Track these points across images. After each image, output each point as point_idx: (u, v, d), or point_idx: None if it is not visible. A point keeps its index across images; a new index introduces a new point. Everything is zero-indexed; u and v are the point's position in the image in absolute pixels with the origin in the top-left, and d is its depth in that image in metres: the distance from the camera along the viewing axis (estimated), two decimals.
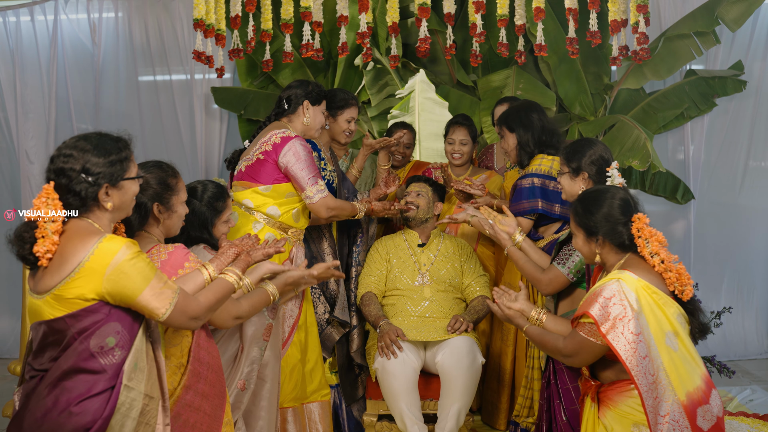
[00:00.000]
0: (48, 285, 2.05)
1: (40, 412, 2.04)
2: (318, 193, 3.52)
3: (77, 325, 2.05)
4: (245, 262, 2.53)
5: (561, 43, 5.05)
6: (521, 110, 3.62)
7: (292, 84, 3.72)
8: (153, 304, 2.09)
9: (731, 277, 5.82)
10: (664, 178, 5.58)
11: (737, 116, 5.73)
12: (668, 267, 2.39)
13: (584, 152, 3.02)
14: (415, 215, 4.07)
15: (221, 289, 2.37)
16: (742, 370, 5.35)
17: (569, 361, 2.50)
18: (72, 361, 2.04)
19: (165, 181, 2.54)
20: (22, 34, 5.88)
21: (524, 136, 3.55)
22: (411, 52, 5.46)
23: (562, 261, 3.05)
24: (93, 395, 2.04)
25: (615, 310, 2.31)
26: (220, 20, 4.49)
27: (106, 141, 2.17)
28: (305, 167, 3.51)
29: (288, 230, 3.62)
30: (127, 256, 2.05)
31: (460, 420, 3.65)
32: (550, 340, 2.58)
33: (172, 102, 5.93)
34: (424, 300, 3.95)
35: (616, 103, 5.59)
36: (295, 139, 3.52)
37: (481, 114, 5.38)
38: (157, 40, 5.88)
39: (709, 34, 5.36)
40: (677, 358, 2.31)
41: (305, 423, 3.70)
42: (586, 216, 2.52)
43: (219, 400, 2.52)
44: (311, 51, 4.52)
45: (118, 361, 2.08)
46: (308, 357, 3.68)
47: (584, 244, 2.56)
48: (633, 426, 2.37)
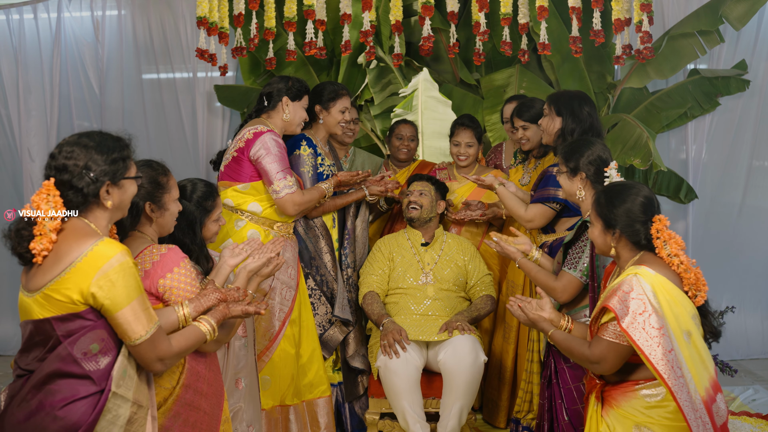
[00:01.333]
0: (39, 283, 2.04)
1: (23, 414, 2.02)
2: (285, 189, 3.48)
3: (63, 328, 2.02)
4: (222, 315, 2.38)
5: (564, 41, 5.04)
6: (575, 98, 3.50)
7: (272, 80, 3.72)
8: (130, 325, 2.05)
9: (734, 276, 5.80)
10: (667, 178, 5.57)
11: (741, 116, 5.71)
12: (687, 268, 2.38)
13: (582, 152, 3.01)
14: (418, 215, 4.06)
15: (194, 338, 2.27)
16: (744, 369, 5.34)
17: (598, 368, 2.44)
18: (56, 364, 2.02)
19: (156, 179, 2.51)
20: (25, 31, 5.88)
21: (570, 125, 3.43)
22: (414, 50, 5.45)
23: (573, 265, 3.02)
24: (78, 399, 2.02)
25: (634, 305, 2.30)
26: (224, 18, 4.49)
27: (108, 139, 2.16)
28: (275, 161, 3.48)
29: (273, 225, 3.61)
30: (119, 264, 2.02)
31: (462, 418, 3.65)
32: (577, 346, 2.52)
33: (175, 100, 5.93)
34: (427, 299, 3.94)
35: (619, 102, 5.58)
36: (267, 133, 3.50)
37: (485, 113, 5.37)
38: (160, 38, 5.87)
39: (713, 33, 5.34)
40: (694, 356, 2.31)
41: (306, 420, 3.70)
42: (608, 208, 2.50)
43: (217, 399, 2.52)
44: (314, 49, 4.52)
45: (102, 368, 2.05)
46: (302, 351, 3.68)
47: (600, 234, 2.54)
48: (635, 427, 2.37)
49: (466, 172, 4.49)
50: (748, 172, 5.77)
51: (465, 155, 4.41)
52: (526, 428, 3.80)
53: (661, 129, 5.55)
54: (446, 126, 4.65)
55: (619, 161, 4.94)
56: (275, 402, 3.63)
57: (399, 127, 4.67)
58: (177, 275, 2.39)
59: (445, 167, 4.59)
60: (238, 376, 3.04)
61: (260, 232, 3.57)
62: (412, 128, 4.68)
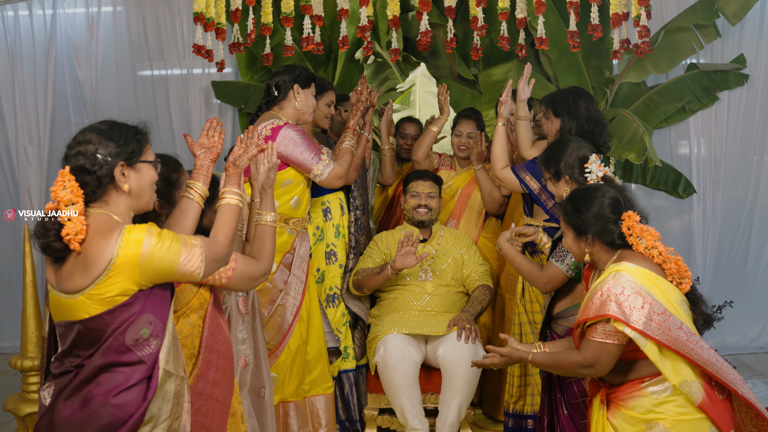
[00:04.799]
0: (78, 285, 2.02)
1: (76, 405, 2.03)
2: (325, 168, 3.55)
3: (115, 321, 2.03)
4: (237, 176, 2.46)
5: (562, 36, 5.03)
6: (570, 95, 3.51)
7: (279, 70, 3.72)
8: (188, 268, 2.10)
9: (731, 270, 5.81)
10: (665, 173, 5.57)
11: (741, 110, 5.71)
12: (666, 258, 2.39)
13: (559, 156, 3.03)
14: (429, 218, 4.06)
15: (232, 216, 2.36)
16: (742, 364, 5.35)
17: (591, 371, 2.43)
18: (108, 356, 2.03)
19: (167, 176, 2.52)
20: (20, 28, 5.85)
21: (568, 124, 3.44)
22: (412, 45, 5.44)
23: (560, 258, 3.03)
24: (131, 386, 2.03)
25: (633, 302, 2.30)
26: (220, 14, 4.47)
27: (122, 125, 2.18)
28: (305, 149, 3.52)
29: (289, 221, 3.61)
30: (152, 242, 2.03)
31: (461, 414, 3.66)
32: (564, 357, 2.52)
33: (171, 96, 5.91)
34: (425, 294, 3.94)
35: (617, 97, 5.58)
36: (285, 127, 3.53)
37: (482, 108, 5.36)
38: (157, 34, 5.85)
39: (710, 27, 5.34)
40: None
41: (307, 417, 3.69)
42: (576, 215, 2.51)
43: (228, 386, 2.54)
44: (312, 45, 4.50)
45: (154, 351, 2.08)
46: (309, 348, 3.68)
47: (574, 243, 2.55)
48: (645, 425, 2.36)
49: (465, 164, 4.53)
50: (747, 167, 5.76)
51: (465, 146, 4.45)
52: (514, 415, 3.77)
53: (659, 124, 5.55)
54: None
55: (614, 156, 4.95)
56: (278, 398, 3.62)
57: (404, 125, 4.73)
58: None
59: (448, 157, 4.64)
60: (241, 355, 3.02)
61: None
62: (417, 126, 4.74)
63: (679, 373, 2.31)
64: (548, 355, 2.63)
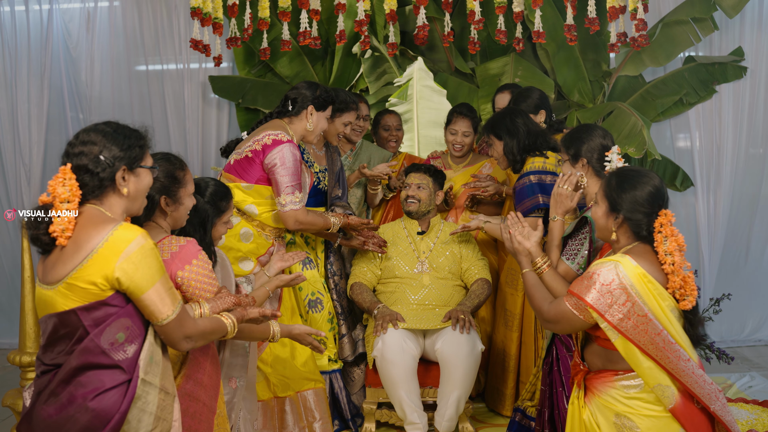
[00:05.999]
0: (60, 274, 2.03)
1: (53, 408, 2.02)
2: (291, 204, 3.49)
3: (89, 318, 2.03)
4: (240, 315, 2.46)
5: (559, 30, 5.03)
6: (506, 116, 3.70)
7: (301, 85, 3.67)
8: (157, 306, 2.08)
9: (730, 263, 5.82)
10: (663, 166, 5.57)
11: (743, 103, 5.70)
12: (677, 271, 2.32)
13: (582, 139, 3.01)
14: (417, 209, 4.06)
15: (217, 324, 2.34)
16: (740, 356, 5.36)
17: (549, 326, 2.50)
18: (84, 357, 2.02)
19: (173, 173, 2.53)
20: (16, 23, 5.84)
21: (510, 143, 3.65)
22: (409, 39, 5.44)
23: (571, 256, 2.99)
24: (108, 389, 2.03)
25: (617, 296, 2.29)
26: (218, 8, 4.46)
27: (125, 128, 2.19)
28: (288, 174, 3.48)
29: (265, 228, 3.61)
30: (140, 247, 2.03)
31: (460, 407, 3.66)
32: (539, 297, 2.56)
33: (168, 91, 5.89)
34: (423, 287, 3.94)
35: (615, 90, 5.58)
36: (286, 144, 3.48)
37: (480, 101, 5.36)
38: (154, 29, 5.84)
39: (707, 20, 5.34)
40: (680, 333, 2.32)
41: (301, 411, 3.70)
42: (617, 191, 2.46)
43: (214, 391, 2.53)
44: (309, 39, 4.50)
45: (131, 356, 2.06)
46: (297, 353, 3.68)
47: (604, 215, 2.50)
48: (615, 416, 2.36)
49: (460, 161, 4.49)
50: (745, 159, 5.75)
51: (461, 144, 4.41)
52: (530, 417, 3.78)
53: (656, 117, 5.55)
54: (441, 115, 4.64)
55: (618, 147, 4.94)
56: (270, 394, 3.63)
57: (384, 117, 4.68)
58: (195, 267, 2.43)
59: (439, 156, 4.58)
60: (232, 376, 3.03)
61: (253, 231, 3.57)
62: (397, 117, 4.72)
63: (656, 377, 2.30)
64: (533, 284, 2.62)
